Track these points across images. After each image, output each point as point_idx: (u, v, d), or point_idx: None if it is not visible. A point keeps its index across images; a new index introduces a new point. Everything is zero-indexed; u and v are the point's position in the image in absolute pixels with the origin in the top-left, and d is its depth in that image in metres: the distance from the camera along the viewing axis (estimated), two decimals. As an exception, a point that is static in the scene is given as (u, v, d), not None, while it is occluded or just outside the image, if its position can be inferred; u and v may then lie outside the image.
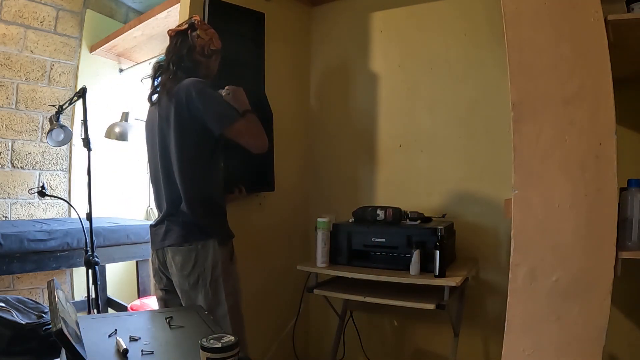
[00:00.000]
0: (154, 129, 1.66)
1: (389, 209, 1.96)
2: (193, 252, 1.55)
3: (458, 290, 1.79)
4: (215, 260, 1.57)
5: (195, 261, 1.55)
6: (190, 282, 1.56)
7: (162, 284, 1.68)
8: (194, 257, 1.55)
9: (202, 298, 1.55)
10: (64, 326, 0.89)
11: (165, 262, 1.63)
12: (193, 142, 1.57)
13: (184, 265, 1.56)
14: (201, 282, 1.55)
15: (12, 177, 2.98)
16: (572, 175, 1.15)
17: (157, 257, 1.66)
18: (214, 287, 1.56)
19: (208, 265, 1.55)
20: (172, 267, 1.59)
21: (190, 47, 1.63)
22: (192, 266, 1.55)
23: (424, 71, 2.26)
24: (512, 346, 1.20)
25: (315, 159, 2.58)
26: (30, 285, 2.95)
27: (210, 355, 0.95)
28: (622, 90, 1.18)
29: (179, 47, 1.64)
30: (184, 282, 1.57)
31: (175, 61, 1.63)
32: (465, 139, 2.15)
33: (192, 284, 1.56)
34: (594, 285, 1.12)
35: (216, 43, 1.70)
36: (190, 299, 1.57)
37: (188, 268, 1.55)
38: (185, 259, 1.55)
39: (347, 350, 2.35)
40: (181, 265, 1.56)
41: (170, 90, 1.58)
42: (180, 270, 1.56)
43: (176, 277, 1.58)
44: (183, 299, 1.59)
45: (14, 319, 2.00)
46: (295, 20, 2.54)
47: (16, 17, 2.94)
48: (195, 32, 1.64)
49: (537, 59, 1.20)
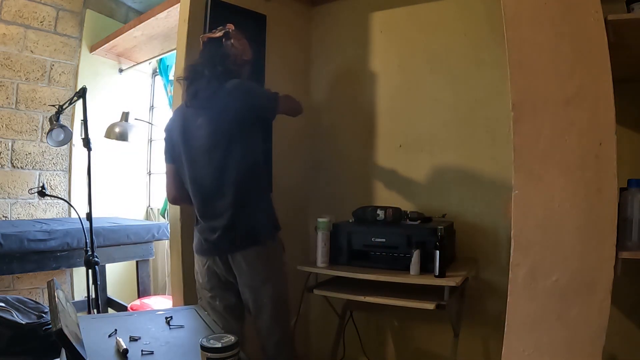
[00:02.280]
0: (195, 134, 1.65)
1: (389, 209, 1.96)
2: (264, 250, 1.63)
3: (458, 290, 1.79)
4: (280, 252, 1.69)
5: (267, 257, 1.63)
6: (262, 277, 1.63)
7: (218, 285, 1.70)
8: (265, 254, 1.63)
9: (272, 291, 1.63)
10: (64, 326, 0.89)
11: (229, 265, 1.65)
12: (252, 139, 1.65)
13: (255, 263, 1.62)
14: (272, 275, 1.64)
15: (12, 177, 2.98)
16: (572, 175, 1.15)
17: (220, 261, 1.67)
18: (283, 278, 1.67)
19: (277, 258, 1.66)
20: (240, 267, 1.63)
21: (224, 54, 1.66)
22: (264, 262, 1.63)
23: (424, 71, 2.26)
24: (512, 346, 1.20)
25: (316, 159, 2.58)
26: (30, 285, 2.95)
27: (210, 355, 0.95)
28: (622, 90, 1.18)
29: (214, 54, 1.66)
30: (257, 278, 1.63)
31: (210, 67, 1.64)
32: (465, 139, 2.15)
33: (264, 279, 1.63)
34: (594, 285, 1.12)
35: (248, 54, 1.74)
36: (259, 294, 1.63)
37: (260, 265, 1.62)
38: (258, 256, 1.62)
39: (347, 350, 2.35)
40: (253, 264, 1.62)
41: (211, 96, 1.62)
42: (253, 268, 1.62)
43: (247, 275, 1.63)
44: (251, 294, 1.64)
45: (14, 319, 2.00)
46: (295, 21, 2.54)
47: (16, 17, 2.94)
48: (230, 41, 1.67)
49: (537, 59, 1.19)
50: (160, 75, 3.50)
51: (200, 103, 1.65)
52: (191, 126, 1.67)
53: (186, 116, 1.69)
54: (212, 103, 1.62)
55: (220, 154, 1.61)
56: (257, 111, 1.66)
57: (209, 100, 1.62)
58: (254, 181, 1.65)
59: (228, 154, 1.61)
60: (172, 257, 2.06)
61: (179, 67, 1.98)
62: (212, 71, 1.63)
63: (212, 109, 1.62)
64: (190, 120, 1.68)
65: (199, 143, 1.65)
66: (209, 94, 1.62)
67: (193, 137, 1.66)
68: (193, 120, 1.67)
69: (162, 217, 3.39)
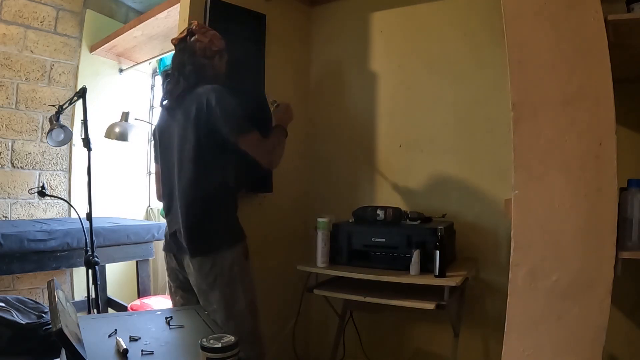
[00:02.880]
0: (168, 134, 1.69)
1: (389, 209, 1.96)
2: (211, 257, 1.59)
3: (458, 290, 1.79)
4: (232, 261, 1.61)
5: (212, 263, 1.58)
6: (208, 281, 1.59)
7: (178, 282, 1.72)
8: (211, 260, 1.59)
9: (220, 297, 1.58)
10: (64, 326, 0.89)
11: (182, 263, 1.66)
12: (209, 147, 1.59)
13: (202, 267, 1.59)
14: (219, 281, 1.59)
15: (12, 177, 2.98)
16: (572, 175, 1.15)
17: (175, 258, 1.69)
18: (232, 286, 1.60)
19: (225, 266, 1.59)
20: (189, 267, 1.62)
21: (190, 51, 1.66)
22: (209, 267, 1.58)
23: (424, 71, 2.26)
24: (512, 346, 1.20)
25: (316, 159, 2.58)
26: (30, 285, 2.95)
27: (210, 355, 0.95)
28: (622, 90, 1.18)
29: (181, 54, 1.68)
30: (202, 282, 1.60)
31: (178, 67, 1.67)
32: (465, 139, 2.15)
33: (210, 284, 1.59)
34: (594, 285, 1.12)
35: (217, 43, 1.71)
36: (207, 298, 1.60)
37: (206, 269, 1.59)
38: (203, 262, 1.59)
39: (347, 350, 2.35)
40: (199, 267, 1.60)
41: (179, 97, 1.63)
42: (198, 271, 1.60)
43: (193, 277, 1.62)
44: (200, 297, 1.62)
45: (14, 319, 2.00)
46: (295, 20, 2.54)
47: (16, 17, 2.94)
48: (194, 37, 1.67)
49: (537, 59, 1.19)
50: (160, 75, 3.50)
51: (170, 104, 1.69)
52: (165, 126, 1.72)
53: (164, 117, 1.74)
54: (181, 103, 1.63)
55: (181, 158, 1.62)
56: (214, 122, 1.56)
57: (178, 100, 1.65)
58: (208, 192, 1.60)
59: (188, 159, 1.60)
60: (172, 257, 2.06)
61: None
62: (181, 70, 1.65)
63: (180, 110, 1.63)
64: (165, 120, 1.73)
65: (167, 144, 1.69)
66: (179, 93, 1.64)
67: (165, 137, 1.71)
68: (167, 120, 1.71)
69: (162, 217, 3.39)
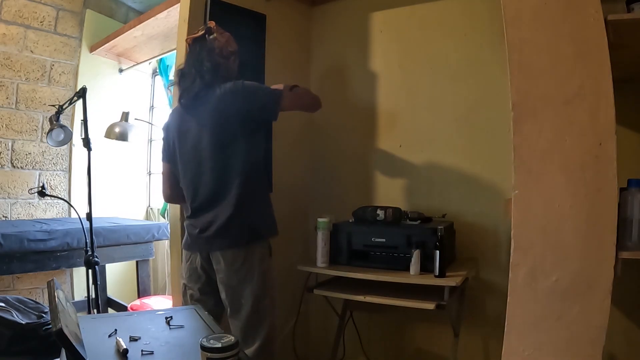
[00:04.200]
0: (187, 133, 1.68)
1: (389, 209, 1.96)
2: (243, 250, 1.60)
3: (458, 290, 1.79)
4: (263, 255, 1.64)
5: (244, 257, 1.60)
6: (239, 277, 1.60)
7: (199, 283, 1.70)
8: (243, 254, 1.60)
9: (250, 292, 1.60)
10: (64, 326, 0.89)
11: (209, 260, 1.66)
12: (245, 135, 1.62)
13: (234, 262, 1.60)
14: (249, 276, 1.60)
15: (12, 177, 2.98)
16: (572, 175, 1.15)
17: (201, 256, 1.68)
18: (261, 281, 1.62)
19: (257, 260, 1.61)
20: (219, 264, 1.62)
21: (209, 50, 1.67)
22: (241, 262, 1.60)
23: (424, 71, 2.26)
24: (512, 346, 1.20)
25: (316, 159, 2.58)
26: (30, 285, 2.95)
27: (210, 355, 0.95)
28: (622, 90, 1.18)
29: (199, 52, 1.68)
30: (233, 277, 1.61)
31: (196, 65, 1.66)
32: (465, 139, 2.15)
33: (241, 279, 1.60)
34: (594, 285, 1.12)
35: (233, 45, 1.74)
36: (236, 294, 1.61)
37: (237, 264, 1.60)
38: (235, 256, 1.60)
39: (347, 350, 2.35)
40: (231, 262, 1.60)
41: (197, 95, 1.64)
42: (230, 266, 1.60)
43: (224, 273, 1.62)
44: (228, 293, 1.63)
45: (14, 319, 2.00)
46: (295, 20, 2.54)
47: (16, 17, 2.94)
48: (212, 36, 1.68)
49: (537, 59, 1.19)
50: (160, 75, 3.50)
51: (192, 102, 1.67)
52: (186, 125, 1.69)
53: (182, 115, 1.72)
54: (204, 102, 1.63)
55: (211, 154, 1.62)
56: (254, 114, 1.64)
57: (201, 99, 1.64)
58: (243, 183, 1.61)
59: (219, 154, 1.61)
60: (172, 257, 2.06)
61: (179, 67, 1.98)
62: (199, 68, 1.65)
63: (205, 109, 1.63)
64: (185, 119, 1.70)
65: (187, 142, 1.68)
66: (199, 92, 1.64)
67: (184, 136, 1.69)
68: (188, 119, 1.69)
69: (162, 217, 3.39)
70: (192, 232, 1.69)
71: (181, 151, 1.71)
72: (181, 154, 1.71)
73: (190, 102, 1.67)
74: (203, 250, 1.66)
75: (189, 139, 1.68)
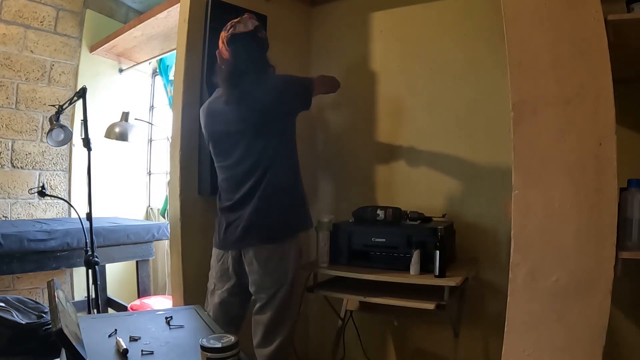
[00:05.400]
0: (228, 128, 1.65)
1: (389, 209, 1.96)
2: (279, 249, 1.59)
3: (458, 290, 1.79)
4: (296, 255, 1.63)
5: (280, 257, 1.58)
6: (273, 278, 1.59)
7: (229, 284, 1.68)
8: (279, 254, 1.58)
9: (283, 293, 1.60)
10: (64, 326, 0.89)
11: (240, 260, 1.64)
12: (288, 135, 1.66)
13: (268, 262, 1.58)
14: (283, 277, 1.60)
15: (12, 177, 2.98)
16: (572, 175, 1.15)
17: (231, 256, 1.66)
18: (294, 281, 1.62)
19: (291, 260, 1.61)
20: (252, 264, 1.60)
21: (259, 45, 1.68)
22: (277, 262, 1.58)
23: (424, 71, 2.26)
24: (512, 346, 1.20)
25: (316, 159, 2.58)
26: (30, 285, 2.95)
27: (210, 355, 0.95)
28: (622, 90, 1.18)
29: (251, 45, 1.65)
30: (267, 278, 1.59)
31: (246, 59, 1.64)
32: (465, 139, 2.15)
33: (275, 280, 1.59)
34: (594, 285, 1.12)
35: None
36: (268, 295, 1.60)
37: (272, 265, 1.58)
38: (270, 256, 1.58)
39: (347, 351, 2.35)
40: (265, 263, 1.58)
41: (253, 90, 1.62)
42: (264, 267, 1.58)
43: (257, 274, 1.60)
44: (260, 294, 1.61)
45: (14, 319, 2.00)
46: (295, 20, 2.54)
47: (16, 17, 2.94)
48: (263, 32, 1.69)
49: (537, 59, 1.19)
50: (160, 75, 3.50)
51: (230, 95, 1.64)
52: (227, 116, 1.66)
53: (223, 110, 1.67)
54: (253, 97, 1.62)
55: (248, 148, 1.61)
56: (295, 105, 1.69)
57: (250, 94, 1.63)
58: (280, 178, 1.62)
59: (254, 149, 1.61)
60: (172, 257, 2.06)
61: (179, 67, 1.97)
62: (254, 62, 1.64)
63: (252, 103, 1.62)
64: (226, 113, 1.66)
65: (228, 138, 1.66)
66: (250, 88, 1.62)
67: (225, 132, 1.67)
68: (229, 112, 1.65)
69: (162, 217, 3.39)
70: (224, 230, 1.67)
71: (220, 147, 1.69)
72: (220, 150, 1.69)
73: (232, 96, 1.64)
74: (235, 248, 1.64)
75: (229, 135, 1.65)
